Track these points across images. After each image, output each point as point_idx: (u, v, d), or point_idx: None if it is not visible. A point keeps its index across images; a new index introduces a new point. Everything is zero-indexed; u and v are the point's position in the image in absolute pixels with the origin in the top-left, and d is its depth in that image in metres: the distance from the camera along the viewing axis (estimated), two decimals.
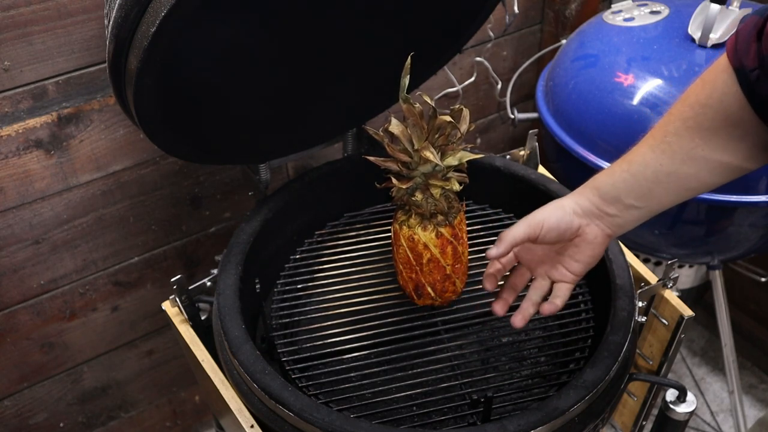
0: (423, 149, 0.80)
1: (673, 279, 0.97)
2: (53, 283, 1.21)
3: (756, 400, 1.68)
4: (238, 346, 0.84)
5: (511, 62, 1.56)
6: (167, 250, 1.31)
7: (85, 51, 1.03)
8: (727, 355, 1.41)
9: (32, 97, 1.03)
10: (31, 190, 1.10)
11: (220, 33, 0.81)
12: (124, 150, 1.15)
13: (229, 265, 0.94)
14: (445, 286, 0.90)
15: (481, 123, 1.63)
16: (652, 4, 1.30)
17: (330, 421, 0.76)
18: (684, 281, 1.43)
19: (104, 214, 1.19)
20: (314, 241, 1.10)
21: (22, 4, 0.95)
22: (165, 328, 1.40)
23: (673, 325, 0.97)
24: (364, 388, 0.88)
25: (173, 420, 1.55)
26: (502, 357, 0.95)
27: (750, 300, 1.69)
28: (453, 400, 0.88)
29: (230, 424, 0.90)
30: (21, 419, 1.31)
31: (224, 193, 1.31)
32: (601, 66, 1.22)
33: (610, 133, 1.18)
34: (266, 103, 0.97)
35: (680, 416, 0.91)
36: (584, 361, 0.90)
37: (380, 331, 0.93)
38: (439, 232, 0.85)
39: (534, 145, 1.15)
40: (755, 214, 1.15)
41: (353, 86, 1.05)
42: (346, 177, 1.11)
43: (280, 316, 0.98)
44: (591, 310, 0.97)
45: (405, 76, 0.80)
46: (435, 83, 1.45)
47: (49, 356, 1.28)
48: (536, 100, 1.35)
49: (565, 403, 0.78)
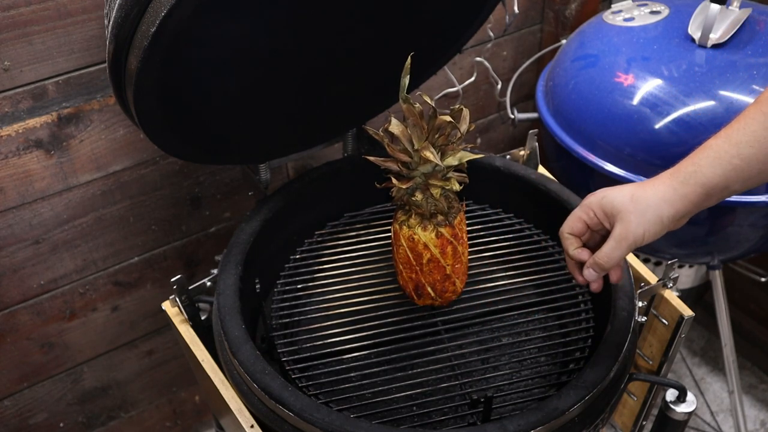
0: (423, 149, 0.80)
1: (673, 279, 0.97)
2: (53, 283, 1.21)
3: (756, 400, 1.68)
4: (238, 346, 0.84)
5: (511, 62, 1.56)
6: (167, 250, 1.31)
7: (85, 51, 1.03)
8: (727, 355, 1.41)
9: (32, 97, 1.03)
10: (31, 190, 1.10)
11: (220, 33, 0.81)
12: (124, 150, 1.15)
13: (229, 265, 0.94)
14: (445, 286, 0.90)
15: (481, 123, 1.63)
16: (652, 4, 1.30)
17: (330, 421, 0.76)
18: (684, 281, 1.43)
19: (104, 214, 1.19)
20: (314, 241, 1.10)
21: (22, 4, 0.95)
22: (165, 328, 1.40)
23: (673, 325, 0.97)
24: (364, 388, 0.88)
25: (173, 420, 1.55)
26: (502, 357, 0.95)
27: (750, 300, 1.69)
28: (453, 400, 0.88)
29: (230, 424, 0.90)
30: (21, 419, 1.31)
31: (224, 193, 1.31)
32: (601, 66, 1.22)
33: (610, 133, 1.17)
34: (266, 103, 0.97)
35: (680, 416, 0.91)
36: (584, 361, 0.90)
37: (380, 331, 0.93)
38: (439, 232, 0.85)
39: (534, 145, 1.15)
40: (755, 214, 1.15)
41: (353, 86, 1.05)
42: (346, 177, 1.11)
43: (280, 316, 0.98)
44: (591, 310, 0.97)
45: (405, 76, 0.80)
46: (435, 83, 1.45)
47: (49, 356, 1.28)
48: (536, 100, 1.35)
49: (565, 403, 0.78)
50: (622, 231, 0.72)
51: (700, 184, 0.69)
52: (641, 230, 0.71)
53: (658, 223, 0.71)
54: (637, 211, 0.71)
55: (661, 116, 1.12)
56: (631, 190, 0.73)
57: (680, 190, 0.70)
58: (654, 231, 0.71)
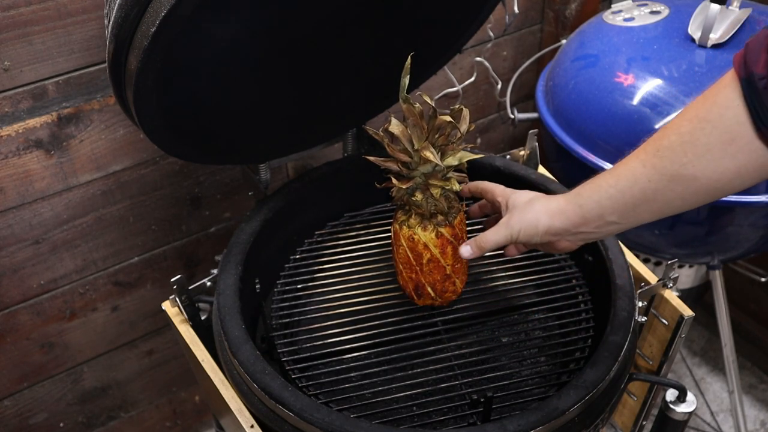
0: (423, 149, 0.80)
1: (673, 279, 0.96)
2: (53, 283, 1.21)
3: (756, 400, 1.68)
4: (238, 346, 0.84)
5: (511, 62, 1.56)
6: (167, 250, 1.31)
7: (85, 51, 1.03)
8: (727, 355, 1.41)
9: (32, 97, 1.03)
10: (31, 190, 1.10)
11: (220, 33, 0.81)
12: (124, 150, 1.15)
13: (229, 265, 0.94)
14: (445, 286, 0.90)
15: (481, 123, 1.63)
16: (652, 4, 1.30)
17: (330, 421, 0.76)
18: (684, 281, 1.43)
19: (104, 214, 1.19)
20: (314, 241, 1.10)
21: (22, 4, 0.95)
22: (165, 328, 1.40)
23: (673, 325, 0.97)
24: (364, 388, 0.88)
25: (173, 420, 1.55)
26: (502, 357, 0.95)
27: (750, 300, 1.69)
28: (453, 400, 0.88)
29: (230, 424, 0.90)
30: (21, 419, 1.31)
31: (224, 193, 1.31)
32: (601, 66, 1.22)
33: (610, 133, 1.17)
34: (266, 103, 0.97)
35: (680, 416, 0.91)
36: (584, 361, 0.90)
37: (380, 331, 0.93)
38: (439, 232, 0.85)
39: (534, 145, 1.15)
40: (755, 214, 1.15)
41: (353, 86, 1.05)
42: (346, 177, 1.11)
43: (280, 316, 0.98)
44: (591, 310, 0.97)
45: (405, 76, 0.80)
46: (435, 83, 1.45)
47: (49, 356, 1.28)
48: (536, 100, 1.35)
49: (565, 403, 0.78)
50: (503, 221, 0.82)
51: (578, 205, 0.76)
52: (517, 227, 0.80)
53: (533, 228, 0.79)
54: (522, 212, 0.80)
55: (661, 116, 1.12)
56: (534, 196, 0.82)
57: (563, 207, 0.77)
58: (528, 233, 0.79)
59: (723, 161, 0.66)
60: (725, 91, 0.65)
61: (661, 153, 0.69)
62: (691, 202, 0.71)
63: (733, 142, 0.65)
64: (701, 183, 0.68)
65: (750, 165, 0.66)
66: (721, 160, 0.66)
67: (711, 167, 0.67)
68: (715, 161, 0.66)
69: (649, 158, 0.70)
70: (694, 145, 0.66)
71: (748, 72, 0.63)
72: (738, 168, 0.66)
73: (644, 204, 0.72)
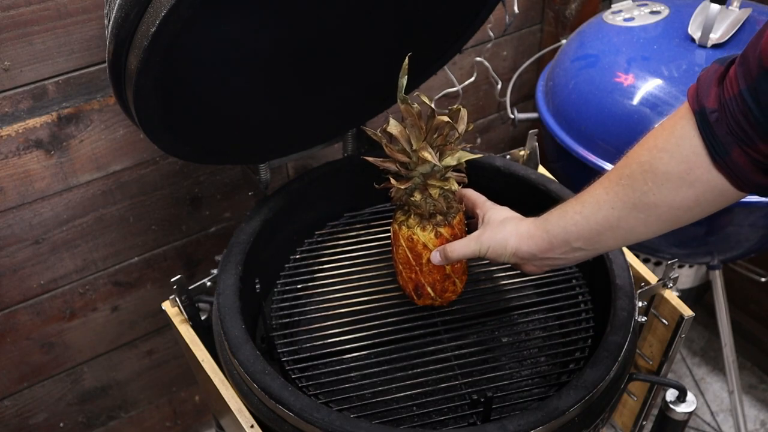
0: (421, 149, 0.80)
1: (673, 279, 0.97)
2: (53, 283, 1.21)
3: (756, 400, 1.68)
4: (238, 346, 0.84)
5: (511, 62, 1.56)
6: (167, 250, 1.31)
7: (85, 51, 1.03)
8: (727, 355, 1.41)
9: (32, 97, 1.03)
10: (31, 190, 1.10)
11: (220, 33, 0.81)
12: (124, 150, 1.15)
13: (229, 265, 0.94)
14: (445, 286, 0.90)
15: (481, 123, 1.63)
16: (652, 4, 1.30)
17: (330, 421, 0.76)
18: (684, 281, 1.43)
19: (104, 214, 1.20)
20: (314, 241, 1.10)
21: (22, 4, 0.95)
22: (165, 328, 1.40)
23: (673, 325, 0.97)
24: (364, 388, 0.88)
25: (173, 420, 1.55)
26: (502, 357, 0.95)
27: (750, 300, 1.69)
28: (453, 400, 0.88)
29: (230, 424, 0.90)
30: (21, 419, 1.31)
31: (224, 193, 1.31)
32: (601, 66, 1.22)
33: (610, 133, 1.17)
34: (266, 103, 0.97)
35: (680, 416, 0.91)
36: (584, 361, 0.90)
37: (380, 331, 0.93)
38: (438, 232, 0.85)
39: (534, 145, 1.15)
40: (755, 214, 1.15)
41: (353, 86, 1.05)
42: (346, 177, 1.11)
43: (280, 316, 0.98)
44: (591, 310, 0.97)
45: (403, 77, 0.80)
46: (435, 83, 1.45)
47: (49, 356, 1.28)
48: (536, 100, 1.35)
49: (565, 403, 0.78)
50: (475, 235, 0.84)
51: (545, 230, 0.78)
52: (486, 244, 0.82)
53: (501, 248, 0.81)
54: (495, 230, 0.82)
55: (661, 116, 1.12)
56: (508, 216, 0.84)
57: (532, 231, 0.79)
58: (496, 251, 0.81)
59: (681, 190, 0.67)
60: (681, 122, 0.66)
61: (624, 181, 0.70)
62: (655, 230, 0.72)
63: (691, 171, 0.66)
64: (662, 210, 0.69)
65: (708, 194, 0.67)
66: (680, 188, 0.67)
67: (671, 196, 0.68)
68: (675, 190, 0.68)
69: (612, 186, 0.71)
70: (654, 174, 0.68)
71: (701, 105, 0.64)
72: (697, 196, 0.68)
73: (608, 231, 0.73)
